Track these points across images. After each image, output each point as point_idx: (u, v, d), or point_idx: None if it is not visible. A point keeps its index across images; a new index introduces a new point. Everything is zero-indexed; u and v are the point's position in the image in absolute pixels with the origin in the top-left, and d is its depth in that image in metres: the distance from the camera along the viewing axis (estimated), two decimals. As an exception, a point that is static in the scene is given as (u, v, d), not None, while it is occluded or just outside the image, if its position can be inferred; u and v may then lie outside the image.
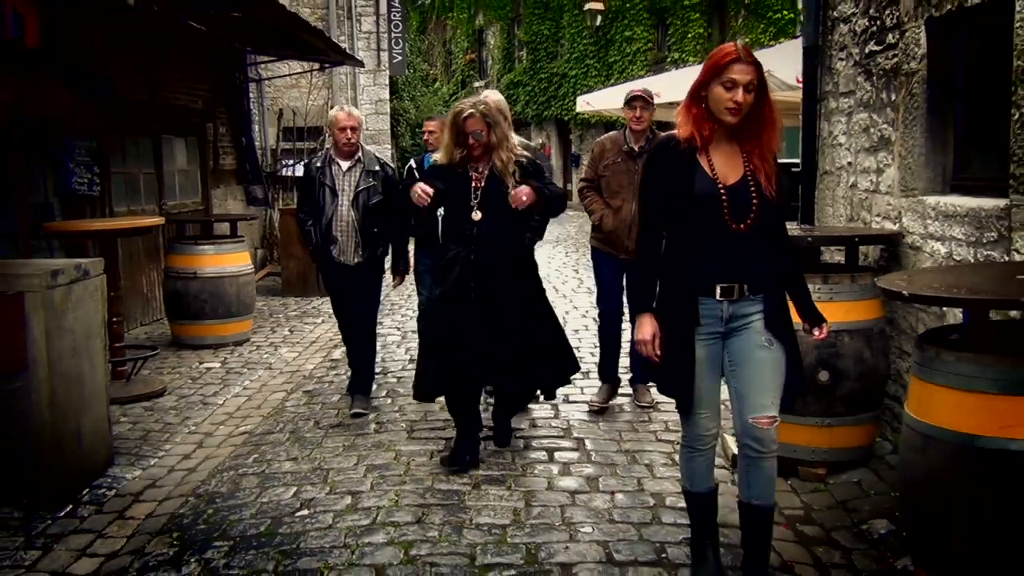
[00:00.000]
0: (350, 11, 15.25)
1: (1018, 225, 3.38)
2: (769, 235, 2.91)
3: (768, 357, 2.88)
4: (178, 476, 4.36)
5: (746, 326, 2.89)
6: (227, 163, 10.97)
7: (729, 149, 2.89)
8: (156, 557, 3.42)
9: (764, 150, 2.87)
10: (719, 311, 2.89)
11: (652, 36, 19.16)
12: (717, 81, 2.77)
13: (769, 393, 2.86)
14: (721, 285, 2.86)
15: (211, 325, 7.21)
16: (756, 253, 2.88)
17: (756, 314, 2.89)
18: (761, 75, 2.79)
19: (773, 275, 2.94)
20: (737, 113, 2.77)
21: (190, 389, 6.00)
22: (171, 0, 7.93)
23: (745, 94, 2.75)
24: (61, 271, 4.05)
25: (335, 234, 5.23)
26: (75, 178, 7.15)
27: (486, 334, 4.22)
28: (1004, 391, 2.47)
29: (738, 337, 2.90)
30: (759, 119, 2.84)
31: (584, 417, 5.13)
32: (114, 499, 4.07)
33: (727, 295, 2.87)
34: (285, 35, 8.98)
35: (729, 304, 2.88)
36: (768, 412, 2.85)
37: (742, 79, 2.74)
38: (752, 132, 2.86)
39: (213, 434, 5.02)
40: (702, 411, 2.95)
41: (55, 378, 3.94)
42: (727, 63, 2.75)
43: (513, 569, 3.23)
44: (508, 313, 4.26)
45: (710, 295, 2.88)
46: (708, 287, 2.88)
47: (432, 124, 5.91)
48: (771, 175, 2.87)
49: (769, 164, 2.87)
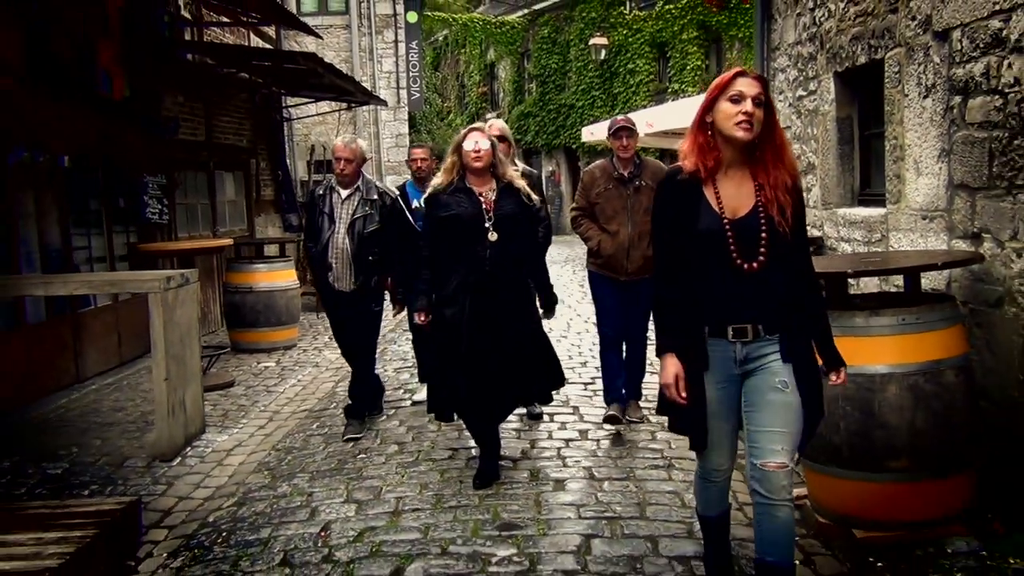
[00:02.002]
0: (372, 52, 16.63)
1: (892, 227, 4.55)
2: (787, 271, 2.70)
3: (782, 400, 2.68)
4: (259, 438, 5.55)
5: (763, 367, 2.72)
6: (266, 194, 12.27)
7: (740, 179, 2.71)
8: (255, 485, 4.61)
9: (777, 179, 2.66)
10: (732, 352, 2.72)
11: (653, 68, 20.44)
12: (723, 97, 2.64)
13: (780, 439, 2.67)
14: (733, 327, 2.70)
15: (264, 332, 8.44)
16: (771, 292, 2.69)
17: (773, 354, 2.72)
18: (768, 93, 2.67)
19: (793, 314, 2.73)
20: (749, 128, 2.59)
21: (254, 381, 7.21)
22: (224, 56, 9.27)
23: (755, 107, 2.59)
24: (172, 278, 5.28)
25: (330, 261, 5.26)
26: (148, 209, 8.42)
27: (496, 352, 4.24)
28: (864, 335, 3.53)
29: (754, 378, 2.74)
30: (769, 144, 2.67)
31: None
32: (212, 453, 5.26)
33: (740, 336, 2.70)
34: (318, 79, 10.28)
35: (743, 346, 2.71)
36: (777, 458, 2.66)
37: (749, 91, 2.60)
38: (763, 159, 2.68)
39: (280, 411, 6.22)
40: (715, 451, 2.85)
41: (168, 358, 5.16)
42: (732, 77, 2.65)
43: (520, 486, 4.37)
44: (514, 331, 4.30)
45: (722, 336, 2.71)
46: (720, 328, 2.71)
47: (419, 152, 6.04)
48: (787, 206, 2.66)
49: (783, 194, 2.66)
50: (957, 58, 3.87)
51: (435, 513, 4.02)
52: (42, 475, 4.85)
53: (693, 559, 3.42)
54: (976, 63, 3.72)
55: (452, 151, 4.31)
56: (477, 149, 4.21)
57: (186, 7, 9.54)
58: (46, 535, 3.49)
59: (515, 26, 26.17)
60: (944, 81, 3.99)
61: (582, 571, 3.38)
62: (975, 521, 3.57)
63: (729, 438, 2.85)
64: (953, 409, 3.46)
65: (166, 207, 8.67)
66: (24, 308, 6.52)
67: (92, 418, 6.09)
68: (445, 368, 4.40)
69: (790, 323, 2.72)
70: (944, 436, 3.45)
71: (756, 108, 2.60)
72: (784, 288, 2.70)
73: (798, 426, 2.71)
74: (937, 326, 3.47)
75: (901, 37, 4.37)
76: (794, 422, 2.70)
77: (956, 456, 3.50)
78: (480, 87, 29.58)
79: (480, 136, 4.27)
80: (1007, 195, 3.57)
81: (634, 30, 20.69)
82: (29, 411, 6.20)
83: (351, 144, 5.28)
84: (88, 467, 4.99)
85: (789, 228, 2.66)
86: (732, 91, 2.62)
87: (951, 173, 3.98)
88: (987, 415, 3.73)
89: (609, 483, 4.36)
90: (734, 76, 2.65)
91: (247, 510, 4.23)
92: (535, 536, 3.72)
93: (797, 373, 2.70)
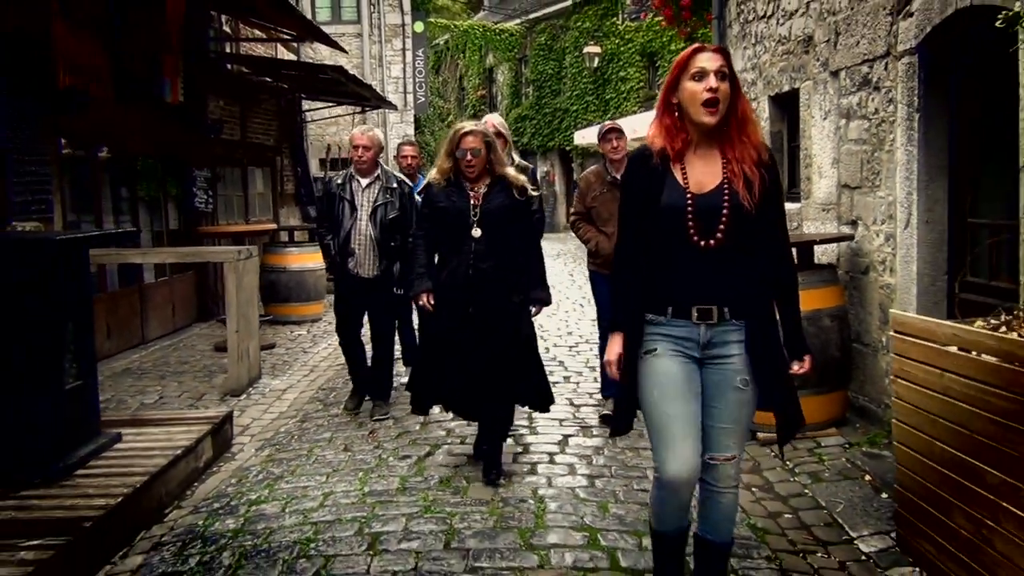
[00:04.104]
0: (381, 59, 17.96)
1: (804, 217, 5.92)
2: (755, 251, 2.61)
3: (741, 399, 2.65)
4: (305, 383, 6.90)
5: (724, 362, 2.64)
6: (288, 188, 13.62)
7: (708, 156, 2.62)
8: (311, 410, 5.97)
9: (743, 152, 2.57)
10: (696, 335, 2.63)
11: (643, 76, 21.79)
12: (686, 76, 2.56)
13: (733, 432, 2.67)
14: (698, 307, 2.61)
15: (296, 306, 9.79)
16: (735, 272, 2.60)
17: (736, 345, 2.63)
18: (731, 66, 2.57)
19: (761, 298, 2.65)
20: (715, 106, 2.51)
21: (291, 345, 8.56)
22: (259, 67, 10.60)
23: (719, 80, 2.51)
24: (240, 251, 6.63)
25: (353, 247, 5.42)
26: (196, 198, 9.76)
27: (480, 349, 4.23)
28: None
29: (715, 374, 2.66)
30: (734, 116, 2.58)
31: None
32: (271, 392, 6.61)
33: (704, 318, 2.61)
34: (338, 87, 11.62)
35: (708, 328, 2.62)
36: (728, 452, 2.67)
37: (711, 66, 2.52)
38: (730, 134, 2.59)
39: (319, 365, 7.57)
40: (676, 450, 2.59)
41: (239, 316, 6.49)
42: (691, 54, 2.57)
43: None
44: (500, 329, 4.25)
45: (686, 317, 2.62)
46: (684, 309, 2.62)
47: (409, 149, 6.28)
48: (754, 179, 2.55)
49: (750, 168, 2.56)
50: (844, 91, 5.23)
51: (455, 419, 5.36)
52: (140, 405, 6.19)
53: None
54: (854, 96, 5.09)
55: (447, 154, 4.28)
56: (469, 160, 4.19)
57: (227, 23, 10.89)
58: (173, 430, 4.84)
59: (513, 33, 27.53)
60: (835, 108, 5.36)
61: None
62: (843, 426, 4.95)
63: (693, 427, 2.62)
64: (829, 344, 4.83)
65: (210, 197, 10.02)
66: (105, 278, 7.86)
67: (164, 369, 7.44)
68: (428, 359, 4.50)
69: (759, 310, 2.64)
70: (821, 364, 4.80)
71: (720, 82, 2.52)
72: (753, 271, 2.61)
73: (750, 419, 2.73)
74: (817, 285, 4.84)
75: (810, 73, 5.74)
76: (747, 416, 2.70)
77: (831, 379, 4.87)
78: (479, 90, 30.87)
79: (473, 142, 4.20)
80: (872, 192, 4.94)
81: (626, 40, 22.04)
82: (110, 363, 7.53)
83: (368, 132, 5.51)
84: (174, 399, 6.34)
85: (755, 204, 2.54)
86: (693, 68, 2.54)
87: (839, 176, 5.35)
88: (860, 353, 5.10)
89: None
90: (693, 52, 2.57)
91: (310, 424, 5.60)
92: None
93: (761, 368, 2.63)
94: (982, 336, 2.87)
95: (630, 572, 3.30)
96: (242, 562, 3.46)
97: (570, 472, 4.48)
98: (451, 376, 4.35)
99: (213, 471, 4.75)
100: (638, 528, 3.66)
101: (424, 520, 3.82)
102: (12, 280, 3.96)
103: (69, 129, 7.16)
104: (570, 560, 3.40)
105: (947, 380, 3.01)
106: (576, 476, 4.40)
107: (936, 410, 3.09)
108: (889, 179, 4.72)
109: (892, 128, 4.64)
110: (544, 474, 4.45)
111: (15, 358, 3.95)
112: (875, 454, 4.54)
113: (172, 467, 4.34)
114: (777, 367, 2.67)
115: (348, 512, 3.93)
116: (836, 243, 5.26)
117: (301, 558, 3.46)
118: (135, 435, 4.70)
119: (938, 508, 3.11)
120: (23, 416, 3.95)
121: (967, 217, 4.39)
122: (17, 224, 6.08)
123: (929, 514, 3.18)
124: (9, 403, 3.94)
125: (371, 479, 4.40)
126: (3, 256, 4.04)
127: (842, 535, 3.67)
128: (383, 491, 4.21)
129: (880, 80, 4.78)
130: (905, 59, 4.47)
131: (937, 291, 4.50)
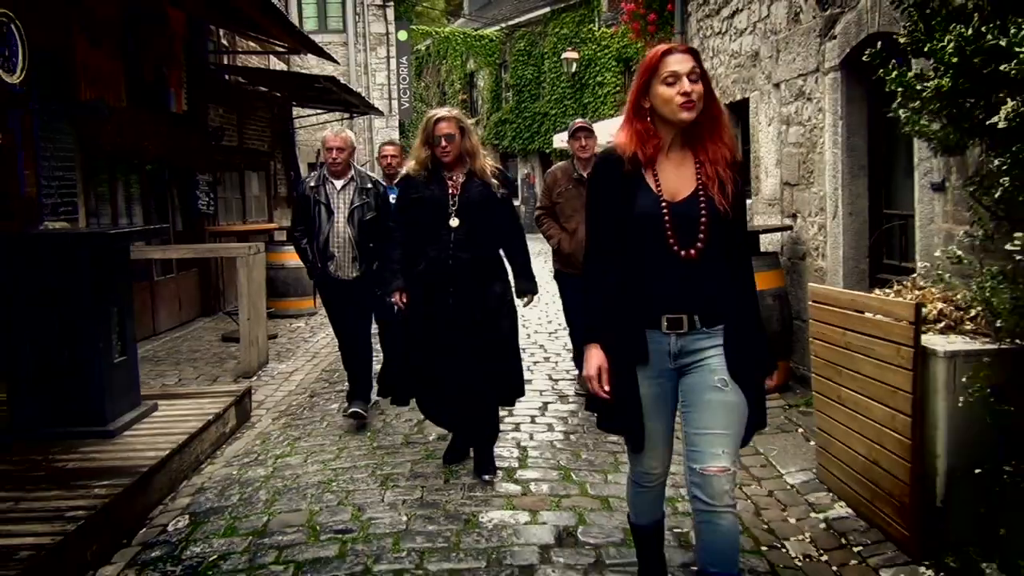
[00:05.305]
0: (366, 67, 18.65)
1: (754, 212, 6.70)
2: (727, 257, 2.56)
3: (722, 400, 2.52)
4: (309, 367, 7.60)
5: (700, 364, 2.56)
6: (282, 191, 14.27)
7: (680, 159, 2.56)
8: (319, 388, 6.67)
9: (716, 153, 2.51)
10: (666, 345, 2.56)
11: (620, 81, 22.55)
12: (657, 80, 2.49)
13: (721, 441, 2.50)
14: (668, 317, 2.54)
15: (293, 301, 10.49)
16: (711, 279, 2.54)
17: (711, 349, 2.55)
18: (702, 65, 2.51)
19: (732, 303, 2.57)
20: (692, 107, 2.44)
21: (292, 335, 9.26)
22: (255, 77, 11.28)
23: (692, 83, 2.44)
24: (250, 247, 7.32)
25: (332, 250, 5.35)
26: (199, 201, 10.43)
27: (460, 340, 4.22)
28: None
29: (691, 376, 2.57)
30: (707, 116, 2.51)
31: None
32: (279, 374, 7.31)
33: (675, 327, 2.54)
34: (329, 95, 12.30)
35: (678, 338, 2.55)
36: (719, 462, 2.48)
37: (683, 68, 2.46)
38: (702, 136, 2.53)
39: (320, 352, 8.27)
40: (648, 453, 2.67)
41: (249, 305, 7.18)
42: (660, 57, 2.49)
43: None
44: (483, 322, 4.24)
45: (656, 327, 2.55)
46: (654, 319, 2.55)
47: (390, 148, 6.34)
48: (727, 182, 2.51)
49: (724, 169, 2.51)
50: (784, 101, 6.01)
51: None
52: (162, 386, 6.87)
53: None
54: (792, 105, 5.86)
55: (422, 143, 4.28)
56: (444, 146, 4.19)
57: (224, 37, 11.57)
58: (202, 401, 5.54)
59: (493, 39, 28.26)
60: (778, 115, 6.13)
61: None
62: (786, 392, 5.72)
63: (664, 439, 2.66)
64: (771, 321, 5.60)
65: (212, 199, 10.68)
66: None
67: (178, 356, 8.12)
68: (409, 358, 4.44)
69: (729, 315, 2.56)
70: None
71: (694, 85, 2.45)
72: (724, 275, 2.56)
73: (740, 427, 2.55)
74: (762, 269, 5.59)
75: (757, 84, 6.51)
76: (736, 423, 2.53)
77: (773, 352, 5.63)
78: (460, 95, 31.56)
79: (447, 128, 4.21)
80: (807, 189, 5.72)
81: (602, 46, 22.82)
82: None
83: (341, 133, 5.46)
84: (192, 381, 7.02)
85: (729, 206, 2.51)
86: (665, 72, 2.46)
87: (782, 175, 6.12)
88: (799, 328, 5.88)
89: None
90: (662, 56, 2.49)
91: (319, 398, 6.31)
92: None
93: (735, 371, 2.53)
94: (870, 299, 3.65)
95: (597, 498, 4.05)
96: (276, 497, 4.18)
97: (549, 429, 5.23)
98: (434, 384, 4.33)
99: (237, 436, 5.45)
100: (605, 468, 4.41)
101: (427, 463, 4.57)
102: (75, 270, 4.65)
103: (91, 137, 7.82)
104: (546, 489, 4.15)
105: (848, 336, 3.77)
106: (554, 432, 5.16)
107: (840, 361, 3.85)
108: (820, 177, 5.49)
109: (822, 133, 5.42)
110: (526, 431, 5.20)
111: (77, 335, 4.64)
112: (809, 412, 5.30)
113: (205, 430, 5.04)
114: (751, 368, 2.59)
115: (362, 460, 4.67)
116: (779, 232, 6.04)
117: (327, 492, 4.19)
118: (169, 405, 5.39)
119: (844, 441, 3.87)
120: (83, 385, 4.65)
121: (883, 208, 5.17)
122: (48, 224, 6.75)
123: (838, 446, 3.94)
124: (72, 374, 4.64)
125: (379, 436, 5.14)
126: (66, 250, 4.73)
127: (773, 473, 4.43)
128: (390, 445, 4.95)
129: (812, 92, 5.55)
130: (831, 74, 5.24)
131: (860, 272, 5.27)
